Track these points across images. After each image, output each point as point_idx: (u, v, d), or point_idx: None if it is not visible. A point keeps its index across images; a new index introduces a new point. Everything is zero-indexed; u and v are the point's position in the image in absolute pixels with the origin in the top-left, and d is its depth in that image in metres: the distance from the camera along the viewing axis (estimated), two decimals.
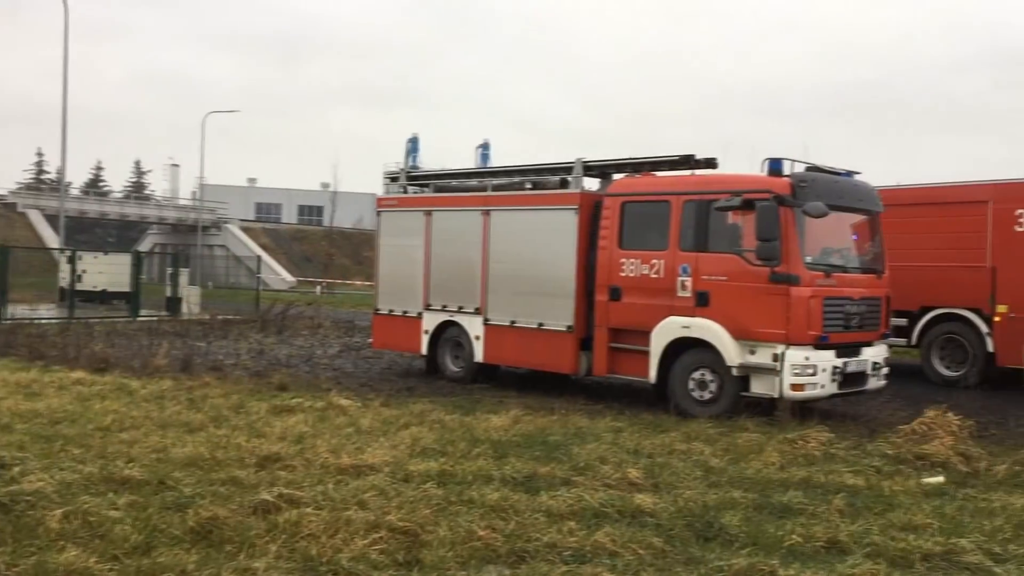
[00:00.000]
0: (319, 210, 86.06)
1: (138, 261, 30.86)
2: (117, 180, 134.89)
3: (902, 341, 15.73)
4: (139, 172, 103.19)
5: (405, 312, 15.35)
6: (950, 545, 6.29)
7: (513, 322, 13.67)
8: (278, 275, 61.69)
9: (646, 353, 12.07)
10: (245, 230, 70.73)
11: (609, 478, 8.01)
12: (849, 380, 11.51)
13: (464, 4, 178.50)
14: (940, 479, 8.41)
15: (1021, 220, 14.51)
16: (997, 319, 14.66)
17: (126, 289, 29.19)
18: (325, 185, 72.78)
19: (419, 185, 16.38)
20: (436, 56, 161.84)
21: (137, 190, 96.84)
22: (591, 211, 12.95)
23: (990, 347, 14.77)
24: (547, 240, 13.29)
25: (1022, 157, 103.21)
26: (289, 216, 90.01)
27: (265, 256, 60.22)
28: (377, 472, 7.91)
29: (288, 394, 12.35)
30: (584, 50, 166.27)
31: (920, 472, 8.68)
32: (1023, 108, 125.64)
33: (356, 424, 10.21)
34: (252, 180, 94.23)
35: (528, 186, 14.12)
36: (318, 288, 49.60)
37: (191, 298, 29.85)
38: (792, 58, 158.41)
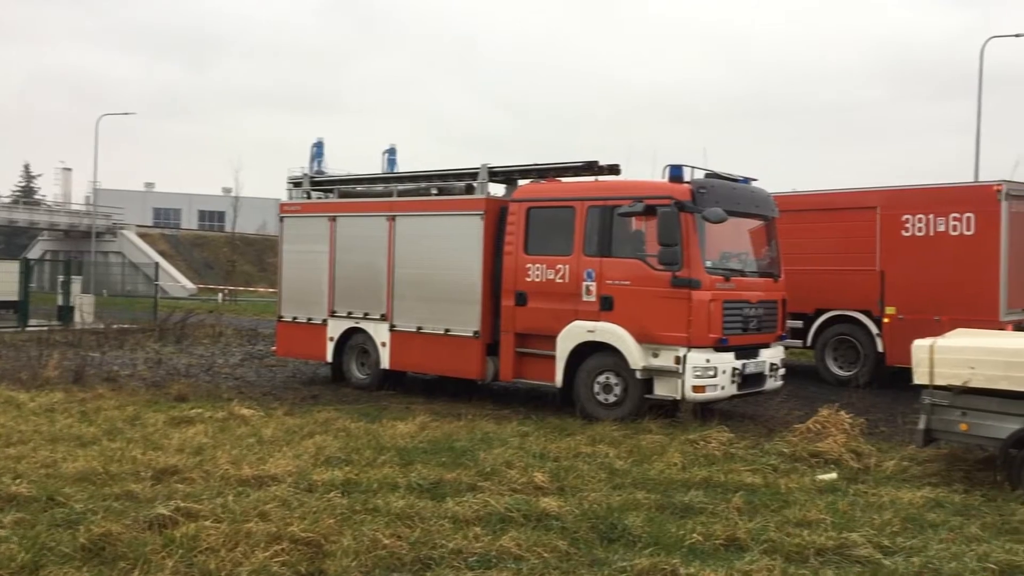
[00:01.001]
0: (221, 215, 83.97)
1: (27, 269, 29.53)
2: (4, 184, 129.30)
3: (798, 343, 16.25)
4: (28, 176, 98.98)
5: (309, 319, 15.13)
6: (842, 539, 6.53)
7: (419, 328, 13.61)
8: (177, 282, 59.94)
9: (552, 357, 12.18)
10: (142, 236, 68.49)
11: (515, 482, 8.05)
12: (748, 381, 11.83)
13: (375, 8, 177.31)
14: (833, 476, 8.72)
15: (907, 225, 15.16)
16: (886, 320, 15.27)
17: (14, 298, 27.91)
18: (227, 190, 71.26)
19: (323, 190, 16.17)
20: (346, 59, 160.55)
21: (26, 195, 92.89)
22: (497, 217, 13.00)
23: (880, 347, 15.38)
24: (453, 246, 13.28)
25: (912, 165, 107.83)
26: (189, 222, 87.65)
27: (163, 263, 58.44)
28: (280, 483, 7.77)
29: (187, 405, 12.02)
30: (497, 54, 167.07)
31: (815, 469, 8.98)
32: (915, 119, 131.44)
33: (258, 434, 10.01)
34: (150, 185, 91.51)
35: (434, 192, 14.09)
36: (220, 295, 48.39)
37: (84, 307, 28.72)
38: (698, 67, 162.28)
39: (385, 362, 14.10)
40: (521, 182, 13.54)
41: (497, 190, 13.84)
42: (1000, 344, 9.09)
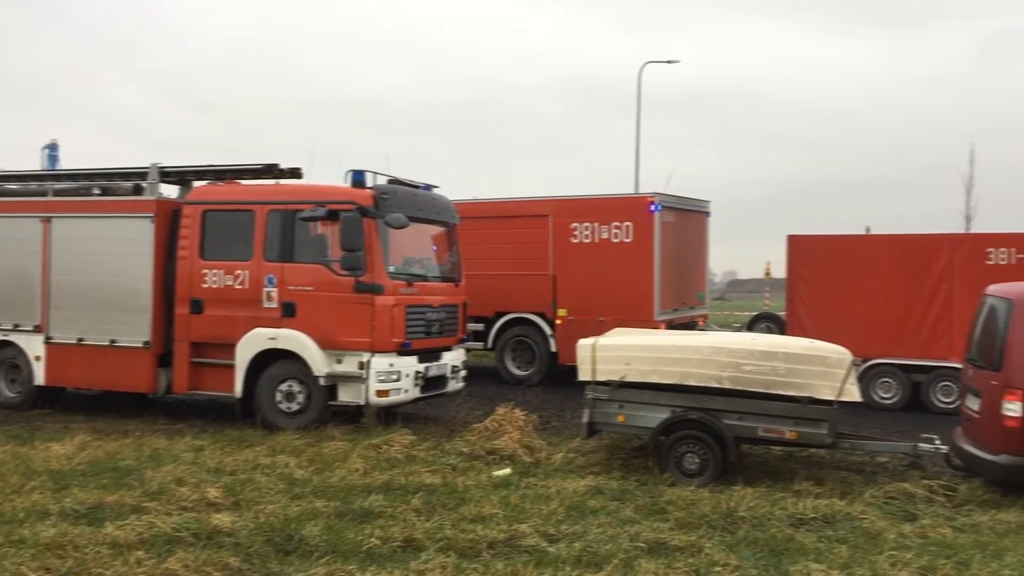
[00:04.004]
0: None
1: None
2: None
3: (479, 345, 16.88)
4: None
5: None
6: (512, 531, 6.84)
7: (81, 340, 12.46)
8: None
9: (231, 367, 11.68)
10: None
11: (186, 500, 7.63)
12: (431, 384, 12.07)
13: None
14: (507, 471, 9.13)
15: (575, 233, 16.28)
16: (558, 322, 16.29)
17: None
18: None
19: None
20: (6, 48, 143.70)
21: None
22: (169, 219, 12.25)
23: (553, 347, 16.37)
24: (120, 250, 12.31)
25: (585, 176, 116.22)
26: None
27: None
28: None
29: None
30: (187, 51, 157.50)
31: (491, 466, 9.36)
32: (588, 134, 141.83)
33: None
34: None
35: (97, 192, 12.99)
36: None
37: None
38: (388, 74, 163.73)
39: (40, 378, 12.76)
40: (196, 184, 12.86)
41: (170, 192, 13.05)
42: (652, 341, 10.00)
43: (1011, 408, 8.01)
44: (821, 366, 8.85)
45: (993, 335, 8.64)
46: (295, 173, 12.53)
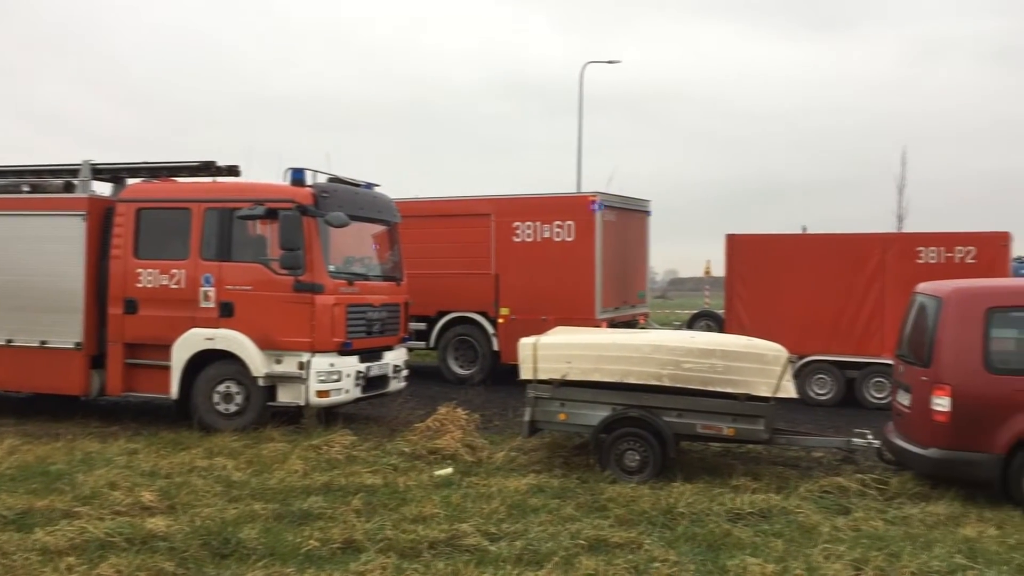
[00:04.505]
0: None
1: None
2: None
3: (421, 344, 16.82)
4: None
5: None
6: (453, 531, 6.83)
7: (9, 341, 12.10)
8: None
9: (167, 368, 11.46)
10: None
11: (119, 504, 7.48)
12: (372, 384, 11.98)
13: None
14: (449, 470, 9.11)
15: (518, 232, 16.31)
16: (501, 321, 16.31)
17: None
18: None
19: None
20: None
21: None
22: (102, 218, 11.97)
23: (496, 346, 16.38)
24: (51, 249, 11.98)
25: (530, 175, 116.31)
26: None
27: None
28: None
29: None
30: (120, 45, 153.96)
31: (432, 466, 9.33)
32: (531, 134, 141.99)
33: None
34: None
35: (27, 189, 12.63)
36: None
37: None
38: (328, 72, 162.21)
39: None
40: (130, 181, 12.59)
41: (103, 189, 12.75)
42: (593, 340, 10.06)
43: (940, 403, 8.23)
44: (758, 363, 8.99)
45: (923, 332, 8.87)
46: (232, 171, 12.35)
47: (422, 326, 16.65)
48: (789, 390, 9.03)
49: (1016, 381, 8.15)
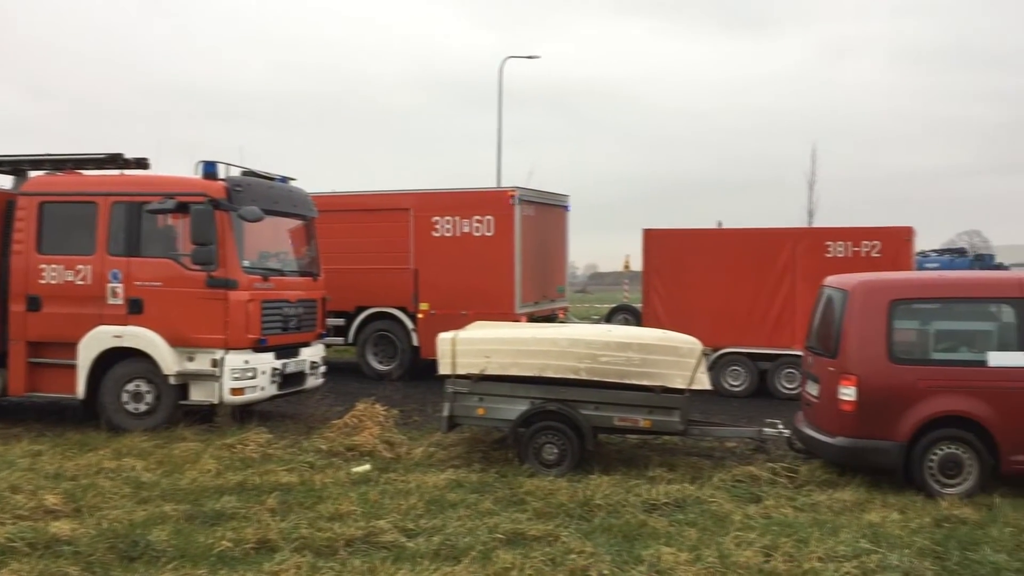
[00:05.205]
0: None
1: None
2: None
3: (340, 340, 16.63)
4: None
5: None
6: (370, 528, 6.78)
7: None
8: None
9: (73, 367, 11.09)
10: None
11: (22, 508, 7.23)
12: (289, 380, 11.80)
13: None
14: (367, 467, 9.03)
15: (437, 226, 16.24)
16: (420, 316, 16.22)
17: None
18: None
19: None
20: None
21: None
22: (3, 212, 11.52)
23: (415, 341, 16.30)
24: None
25: (452, 170, 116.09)
26: None
27: None
28: None
29: None
30: (20, 31, 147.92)
31: (350, 463, 9.23)
32: (451, 128, 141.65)
33: None
34: None
35: None
36: None
37: None
38: (242, 64, 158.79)
39: None
40: (33, 174, 12.12)
41: (4, 182, 12.25)
42: (512, 334, 10.08)
43: (846, 392, 8.49)
44: (673, 356, 9.13)
45: (830, 324, 9.13)
46: (141, 163, 11.99)
47: (340, 322, 16.46)
48: (704, 382, 9.20)
49: (918, 371, 8.46)
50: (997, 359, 8.39)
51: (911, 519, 7.35)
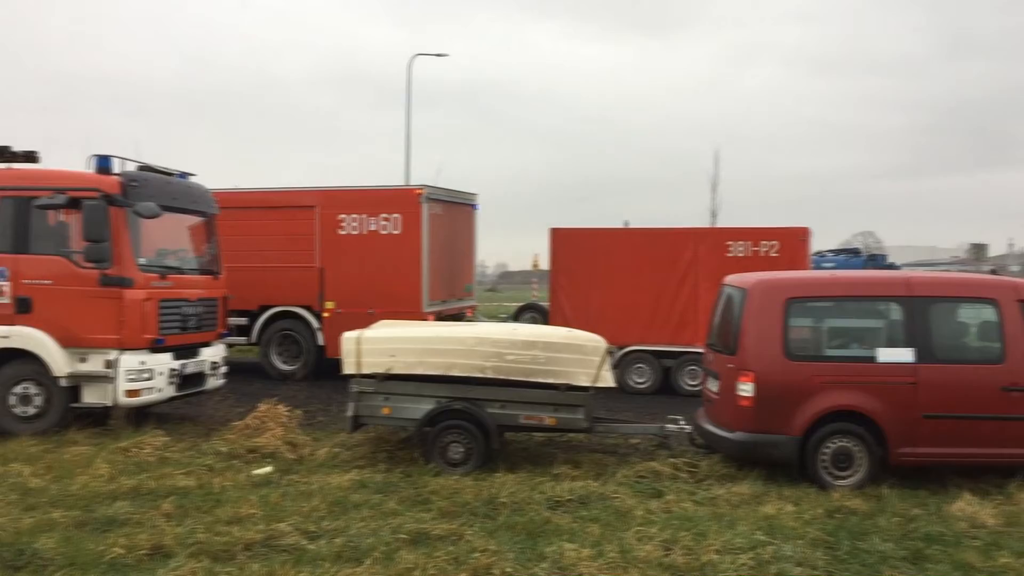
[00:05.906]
0: None
1: None
2: None
3: (243, 340, 16.27)
4: None
5: None
6: (271, 531, 6.65)
7: None
8: None
9: None
10: None
11: None
12: (188, 381, 11.49)
13: None
14: (268, 469, 8.85)
15: (343, 224, 16.04)
16: (326, 315, 15.99)
17: None
18: None
19: None
20: None
21: None
22: None
23: (321, 341, 16.06)
24: None
25: (360, 167, 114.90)
26: None
27: None
28: None
29: None
30: None
31: (251, 465, 9.03)
32: (360, 125, 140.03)
33: None
34: None
35: None
36: None
37: None
38: (147, 59, 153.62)
39: None
40: None
41: None
42: (417, 333, 10.01)
43: (744, 389, 8.71)
44: (578, 354, 9.22)
45: (730, 322, 9.36)
46: (30, 157, 11.50)
47: (243, 321, 16.12)
48: (608, 380, 9.31)
49: (812, 367, 8.73)
50: (886, 355, 8.72)
51: (805, 511, 7.58)
